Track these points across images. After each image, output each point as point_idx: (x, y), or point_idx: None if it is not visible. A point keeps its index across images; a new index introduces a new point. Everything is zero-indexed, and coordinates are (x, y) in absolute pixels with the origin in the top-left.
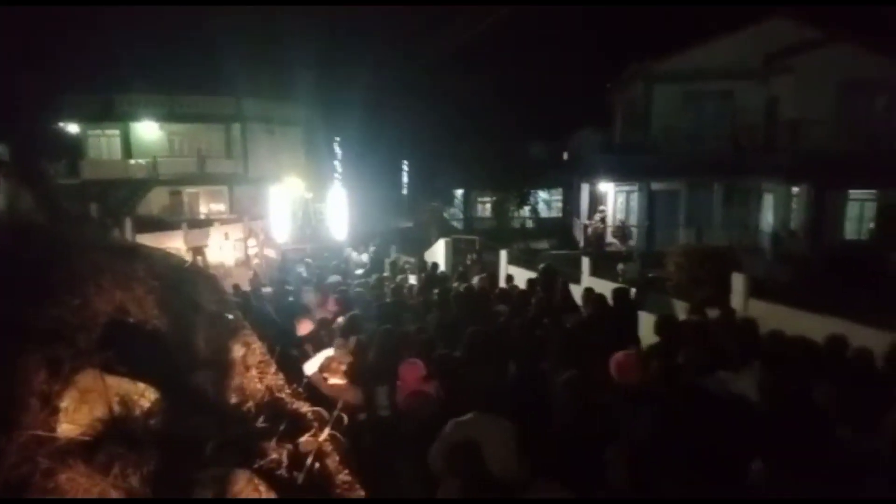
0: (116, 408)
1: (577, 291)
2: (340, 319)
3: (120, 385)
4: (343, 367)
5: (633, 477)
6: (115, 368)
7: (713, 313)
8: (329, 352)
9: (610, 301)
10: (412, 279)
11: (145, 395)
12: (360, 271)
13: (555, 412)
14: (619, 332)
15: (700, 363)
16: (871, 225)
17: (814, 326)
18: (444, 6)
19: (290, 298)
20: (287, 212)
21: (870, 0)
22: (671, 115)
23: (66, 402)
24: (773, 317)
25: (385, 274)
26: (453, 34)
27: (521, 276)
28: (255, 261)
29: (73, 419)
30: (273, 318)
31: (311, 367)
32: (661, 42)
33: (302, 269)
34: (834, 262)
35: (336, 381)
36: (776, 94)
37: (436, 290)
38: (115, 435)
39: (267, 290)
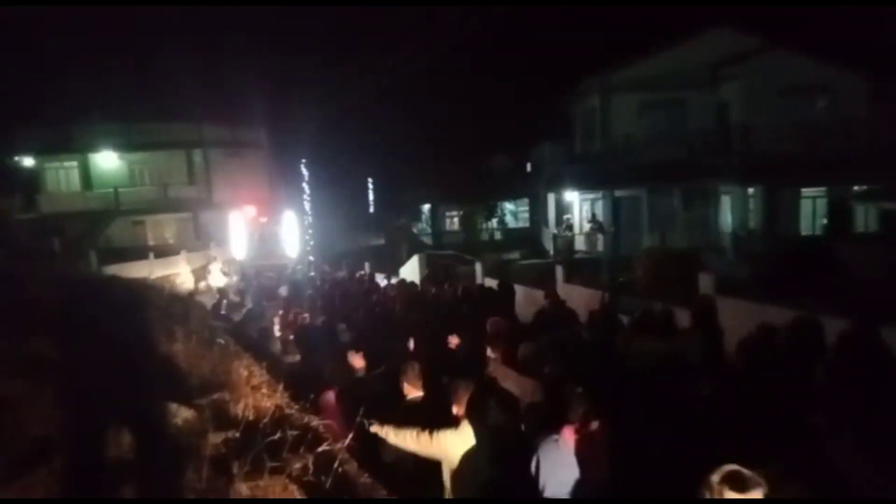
0: (155, 428)
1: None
2: None
3: (156, 406)
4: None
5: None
6: (150, 391)
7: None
8: None
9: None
10: None
11: (179, 415)
12: None
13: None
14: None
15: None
16: (824, 220)
17: (774, 317)
18: (404, 22)
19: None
20: (245, 234)
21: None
22: (628, 123)
23: (109, 426)
24: (739, 311)
25: None
26: (413, 55)
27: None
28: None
29: (116, 441)
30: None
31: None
32: (615, 55)
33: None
34: (790, 257)
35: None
36: (725, 100)
37: None
38: (155, 452)
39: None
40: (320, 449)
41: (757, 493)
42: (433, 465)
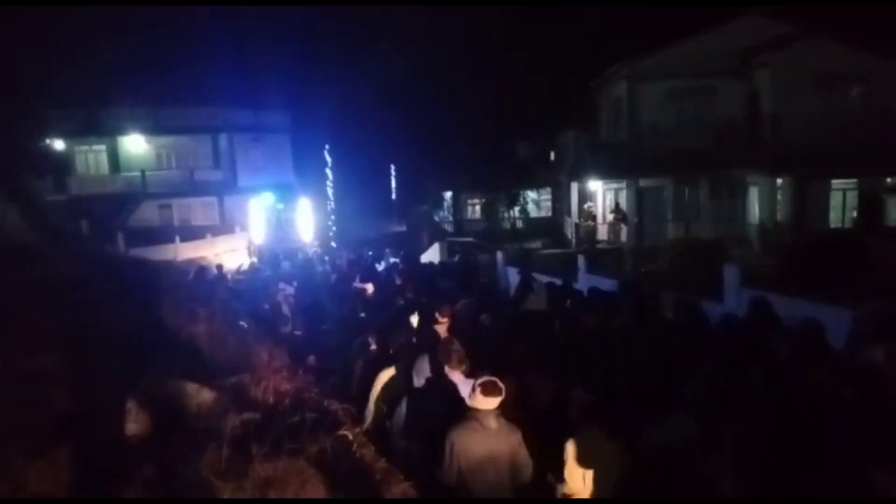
0: (175, 407)
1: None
2: None
3: (176, 386)
4: None
5: None
6: (172, 372)
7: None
8: None
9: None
10: None
11: (200, 396)
12: None
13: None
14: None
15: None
16: (854, 213)
17: (799, 311)
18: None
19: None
20: (263, 219)
21: None
22: (655, 112)
23: (130, 404)
24: None
25: None
26: (437, 40)
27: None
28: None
29: (136, 419)
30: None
31: None
32: (642, 41)
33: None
34: (818, 250)
35: None
36: (756, 89)
37: None
38: (175, 432)
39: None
40: (339, 433)
41: (495, 401)
42: None
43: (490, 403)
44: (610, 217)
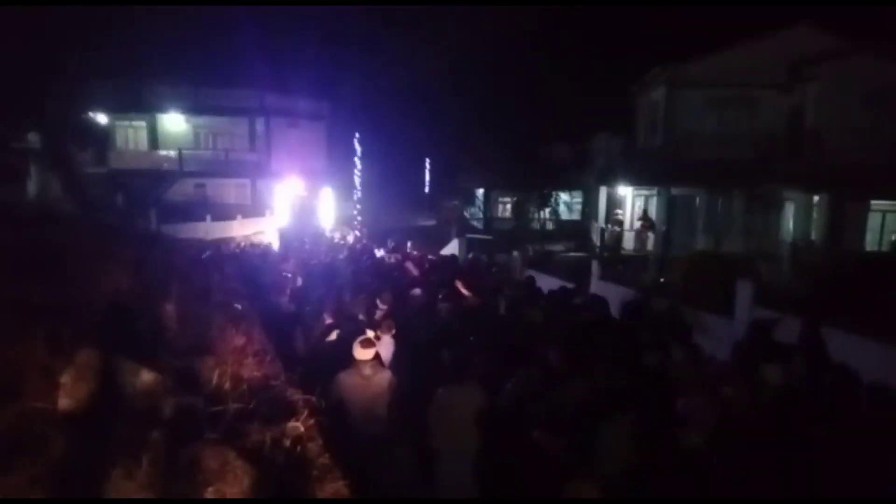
0: (110, 385)
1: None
2: None
3: (115, 364)
4: None
5: None
6: (114, 348)
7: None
8: None
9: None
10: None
11: (138, 375)
12: None
13: None
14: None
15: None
16: (894, 237)
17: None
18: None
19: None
20: (287, 205)
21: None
22: (693, 120)
23: (65, 378)
24: (778, 325)
25: None
26: (476, 36)
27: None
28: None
29: (71, 393)
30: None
31: None
32: (684, 47)
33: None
34: (852, 273)
35: None
36: (800, 103)
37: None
38: (110, 410)
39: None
40: (289, 424)
41: (370, 352)
42: None
43: (366, 354)
44: (637, 224)
